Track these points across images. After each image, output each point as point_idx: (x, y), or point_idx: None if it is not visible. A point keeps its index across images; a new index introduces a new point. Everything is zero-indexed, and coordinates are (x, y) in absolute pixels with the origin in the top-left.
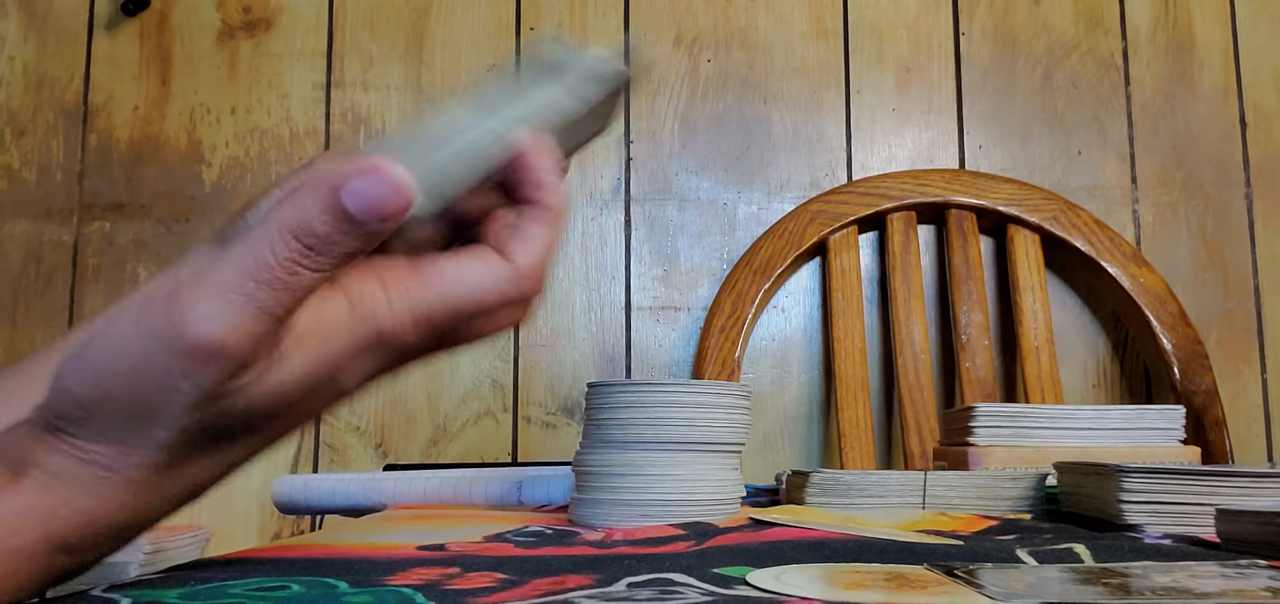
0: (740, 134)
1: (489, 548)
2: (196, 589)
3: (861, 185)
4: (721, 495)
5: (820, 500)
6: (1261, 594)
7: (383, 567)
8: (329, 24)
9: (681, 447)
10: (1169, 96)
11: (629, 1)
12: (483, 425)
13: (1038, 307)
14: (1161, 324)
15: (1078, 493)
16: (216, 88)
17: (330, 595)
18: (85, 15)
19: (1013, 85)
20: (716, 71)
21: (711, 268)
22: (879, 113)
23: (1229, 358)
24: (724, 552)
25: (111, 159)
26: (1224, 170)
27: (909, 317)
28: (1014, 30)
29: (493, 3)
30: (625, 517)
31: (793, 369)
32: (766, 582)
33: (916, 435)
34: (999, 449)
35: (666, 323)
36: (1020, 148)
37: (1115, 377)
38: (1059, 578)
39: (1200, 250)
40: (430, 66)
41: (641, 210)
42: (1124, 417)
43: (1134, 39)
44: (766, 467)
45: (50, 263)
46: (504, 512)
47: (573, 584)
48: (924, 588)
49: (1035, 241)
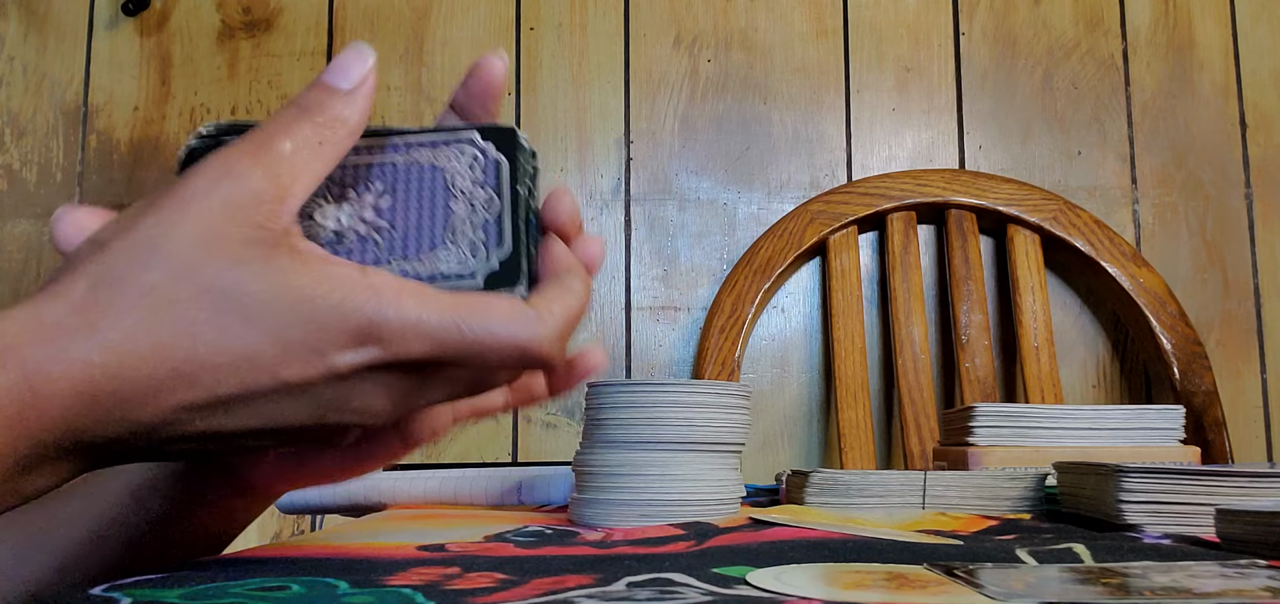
0: (740, 134)
1: (489, 548)
2: (196, 589)
3: (861, 185)
4: (721, 495)
5: (820, 500)
6: (1261, 594)
7: (383, 567)
8: (329, 24)
9: (681, 447)
10: (1169, 97)
11: (629, 2)
12: (483, 425)
13: (1038, 307)
14: (1161, 324)
15: (1077, 493)
16: (216, 88)
17: (330, 595)
18: (85, 15)
19: (1013, 85)
20: (716, 72)
21: (711, 268)
22: (879, 113)
23: (1229, 358)
24: (724, 552)
25: (111, 159)
26: (1224, 170)
27: (909, 317)
28: (1014, 30)
29: (493, 3)
30: (625, 517)
31: (793, 369)
32: (766, 582)
33: (916, 435)
34: (999, 449)
35: (666, 323)
36: (1020, 148)
37: (1115, 377)
38: (1059, 578)
39: (1200, 250)
40: (430, 67)
41: (641, 210)
42: (1124, 417)
43: (1134, 39)
44: (766, 467)
45: (50, 263)
46: (504, 512)
47: (573, 584)
48: (924, 588)
49: (1035, 242)
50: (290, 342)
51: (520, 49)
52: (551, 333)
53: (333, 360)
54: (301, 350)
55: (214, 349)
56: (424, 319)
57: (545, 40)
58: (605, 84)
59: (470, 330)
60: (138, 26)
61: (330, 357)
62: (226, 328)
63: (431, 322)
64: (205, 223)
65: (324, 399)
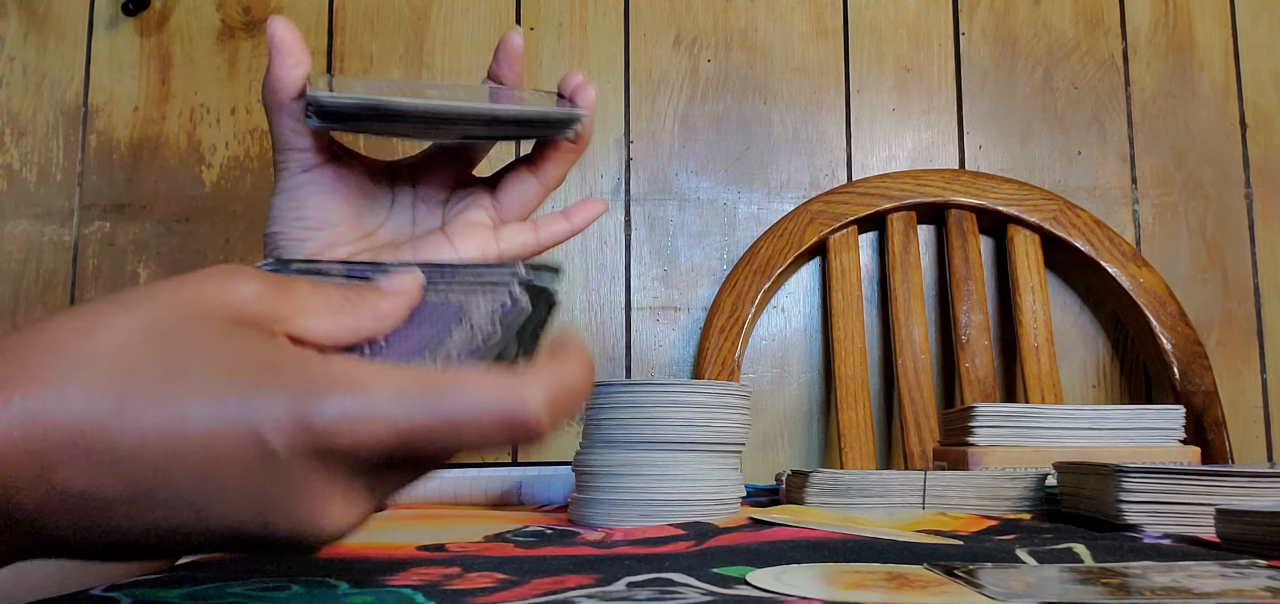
0: (740, 134)
1: (489, 548)
2: (196, 589)
3: (861, 185)
4: (721, 495)
5: (820, 500)
6: (1261, 594)
7: (383, 567)
8: (329, 24)
9: (681, 447)
10: (1169, 97)
11: (629, 1)
12: None
13: (1037, 307)
14: (1161, 324)
15: (1077, 493)
16: (216, 88)
17: (330, 595)
18: (85, 15)
19: (1013, 85)
20: (716, 72)
21: (711, 268)
22: (879, 113)
23: (1229, 358)
24: (724, 552)
25: (111, 159)
26: (1224, 170)
27: (909, 317)
28: (1014, 30)
29: (493, 3)
30: (625, 517)
31: (793, 369)
32: (766, 582)
33: (916, 435)
34: (999, 449)
35: (666, 323)
36: (1020, 148)
37: (1115, 377)
38: (1059, 578)
39: (1200, 250)
40: (430, 66)
41: (641, 210)
42: (1124, 417)
43: (1134, 39)
44: (766, 467)
45: (50, 263)
46: (504, 512)
47: (573, 584)
48: (924, 588)
49: (1035, 242)
50: (225, 415)
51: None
52: (538, 396)
53: (269, 441)
54: (236, 424)
55: (140, 412)
56: (387, 395)
57: (545, 40)
58: (605, 84)
59: (450, 404)
60: (138, 26)
61: (267, 436)
62: (160, 393)
63: (399, 398)
64: (196, 290)
65: (263, 496)
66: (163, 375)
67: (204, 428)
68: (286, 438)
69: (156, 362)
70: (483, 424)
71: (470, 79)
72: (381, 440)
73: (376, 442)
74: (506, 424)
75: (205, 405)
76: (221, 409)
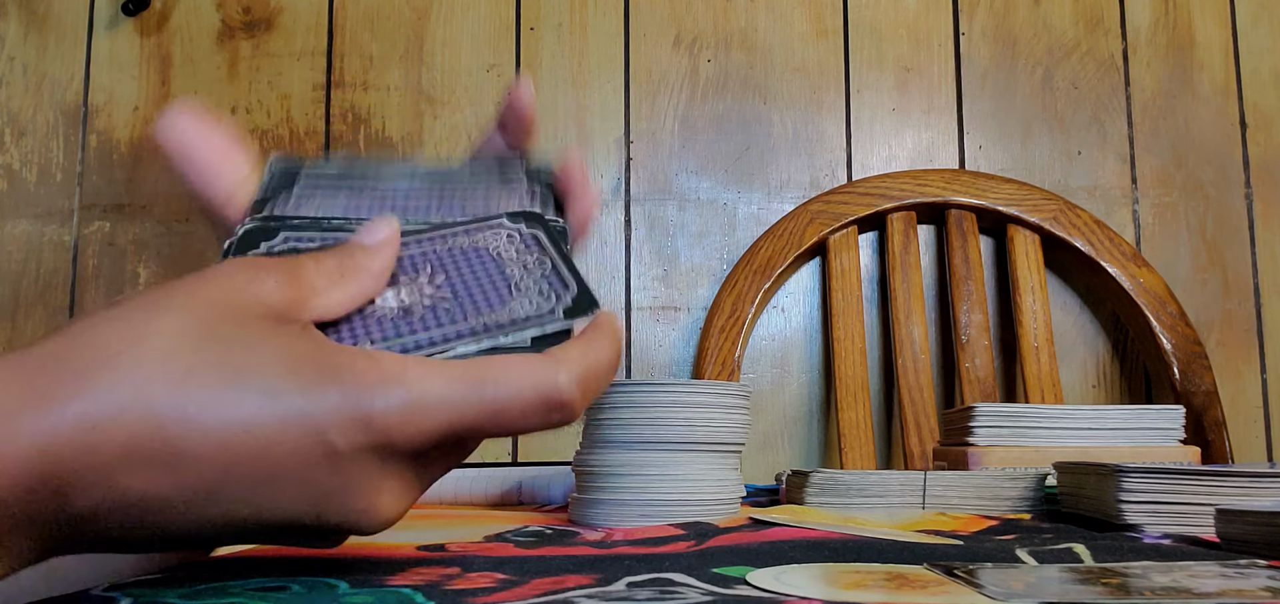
0: (740, 134)
1: (489, 548)
2: (196, 589)
3: (861, 185)
4: (721, 495)
5: (820, 500)
6: (1261, 594)
7: (383, 567)
8: (329, 24)
9: (681, 447)
10: (1169, 97)
11: (629, 2)
12: None
13: (1037, 307)
14: (1161, 324)
15: (1077, 493)
16: (216, 88)
17: (330, 596)
18: (85, 15)
19: (1013, 85)
20: (716, 72)
21: (711, 268)
22: (879, 113)
23: (1229, 358)
24: (724, 552)
25: (111, 159)
26: (1224, 170)
27: (909, 317)
28: (1014, 30)
29: (493, 3)
30: (625, 517)
31: (793, 369)
32: (766, 582)
33: (916, 435)
34: (999, 449)
35: (666, 323)
36: (1020, 148)
37: (1115, 377)
38: (1059, 578)
39: (1200, 251)
40: (430, 67)
41: (641, 210)
42: (1124, 417)
43: (1134, 39)
44: (766, 467)
45: (50, 263)
46: (504, 512)
47: (573, 584)
48: (924, 588)
49: (1035, 242)
50: (289, 414)
51: (520, 49)
52: (570, 377)
53: (332, 440)
54: (300, 423)
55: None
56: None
57: (545, 40)
58: (605, 84)
59: (491, 391)
60: (138, 26)
61: (330, 435)
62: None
63: (448, 390)
64: (225, 289)
65: (322, 490)
66: (221, 378)
67: (268, 430)
68: (348, 435)
69: (212, 365)
70: (525, 408)
71: (470, 79)
72: (435, 431)
73: (431, 432)
74: (544, 406)
75: (267, 407)
76: (284, 410)
